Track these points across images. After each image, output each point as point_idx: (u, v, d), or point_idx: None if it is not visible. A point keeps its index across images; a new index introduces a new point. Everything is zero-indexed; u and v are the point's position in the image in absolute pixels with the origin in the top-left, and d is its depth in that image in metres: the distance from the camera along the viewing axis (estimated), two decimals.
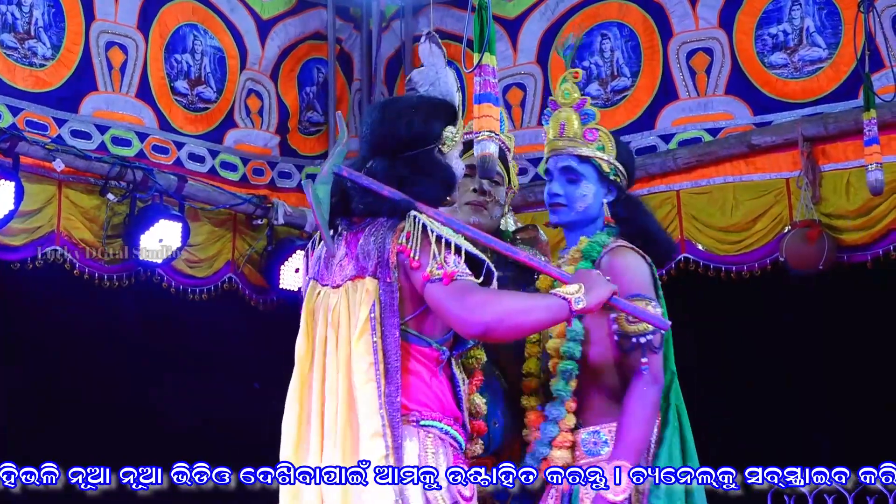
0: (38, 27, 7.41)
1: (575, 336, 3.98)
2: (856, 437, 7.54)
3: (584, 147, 4.21)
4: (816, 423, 7.91)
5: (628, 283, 3.94)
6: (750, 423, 8.21)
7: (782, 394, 8.06)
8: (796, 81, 7.81)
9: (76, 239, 7.35)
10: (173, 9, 8.10)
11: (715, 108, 8.04)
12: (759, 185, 7.82)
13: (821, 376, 8.01)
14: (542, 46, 8.59)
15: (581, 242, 4.13)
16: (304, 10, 8.89)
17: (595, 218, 4.20)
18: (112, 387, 7.34)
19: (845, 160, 7.52)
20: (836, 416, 7.83)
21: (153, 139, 7.91)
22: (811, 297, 7.69)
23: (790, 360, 8.02)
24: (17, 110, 7.26)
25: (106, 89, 7.73)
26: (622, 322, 3.93)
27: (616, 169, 4.21)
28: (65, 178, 7.32)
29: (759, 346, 8.12)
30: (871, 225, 7.46)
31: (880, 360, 7.94)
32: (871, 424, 7.66)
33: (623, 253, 4.06)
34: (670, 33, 8.21)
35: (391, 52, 9.18)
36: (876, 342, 7.93)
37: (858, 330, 7.96)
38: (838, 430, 7.67)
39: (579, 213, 4.20)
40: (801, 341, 7.96)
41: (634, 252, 4.07)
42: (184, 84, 8.12)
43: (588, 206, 4.19)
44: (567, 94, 4.32)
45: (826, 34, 7.74)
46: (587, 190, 4.19)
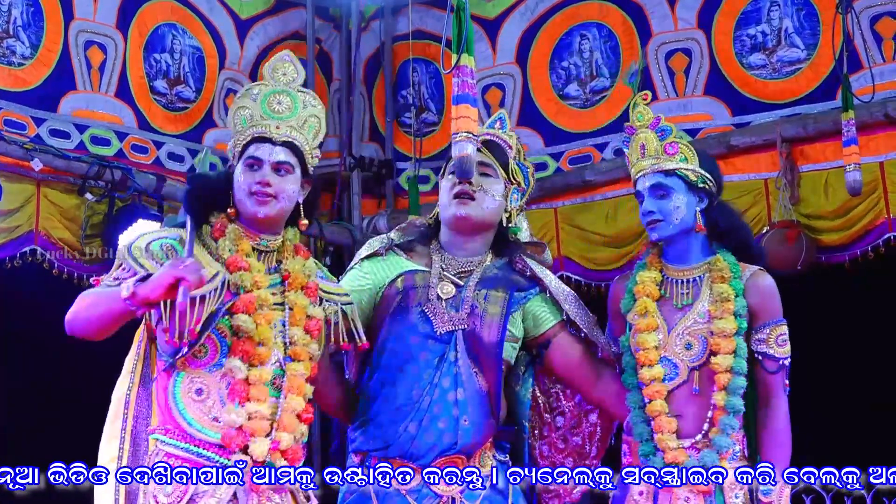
0: (16, 26, 7.33)
1: (744, 354, 4.23)
2: (838, 437, 7.51)
3: (668, 161, 4.34)
4: (796, 421, 7.82)
5: (776, 308, 4.33)
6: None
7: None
8: (775, 82, 7.79)
9: (55, 238, 7.27)
10: (152, 8, 8.05)
11: (694, 109, 8.02)
12: (738, 186, 7.72)
13: (800, 376, 7.87)
14: (522, 46, 8.58)
15: (719, 260, 4.33)
16: (284, 9, 8.88)
17: (692, 227, 4.34)
18: (90, 386, 7.30)
19: (824, 161, 7.49)
20: (816, 416, 7.59)
21: (132, 138, 7.86)
22: (790, 297, 7.49)
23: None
24: None
25: (85, 88, 7.66)
26: (774, 345, 4.27)
27: (703, 177, 4.33)
28: (43, 177, 7.24)
29: None
30: (850, 225, 7.43)
31: (859, 361, 7.96)
32: (852, 424, 7.65)
33: (766, 276, 4.35)
34: (649, 34, 8.18)
35: (371, 52, 9.14)
36: (854, 342, 7.93)
37: (837, 330, 7.94)
38: (820, 430, 7.48)
39: (677, 226, 4.32)
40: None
41: (769, 275, 4.37)
42: (163, 83, 8.08)
43: (683, 217, 4.32)
44: (641, 116, 4.45)
45: (804, 35, 7.71)
46: (679, 202, 4.31)
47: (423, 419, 4.21)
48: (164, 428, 3.87)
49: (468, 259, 4.43)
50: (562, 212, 8.23)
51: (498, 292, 4.37)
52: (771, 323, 4.29)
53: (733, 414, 4.19)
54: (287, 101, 4.03)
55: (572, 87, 8.37)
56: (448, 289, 4.36)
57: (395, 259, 4.48)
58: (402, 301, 4.35)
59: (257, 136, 3.97)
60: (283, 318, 3.93)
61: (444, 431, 4.21)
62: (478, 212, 4.40)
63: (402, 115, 9.03)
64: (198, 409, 3.82)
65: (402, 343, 4.31)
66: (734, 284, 4.25)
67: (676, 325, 4.30)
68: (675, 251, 4.39)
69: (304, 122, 4.04)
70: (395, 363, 4.30)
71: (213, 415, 3.81)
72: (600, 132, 8.20)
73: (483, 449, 4.29)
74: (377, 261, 4.48)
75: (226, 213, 3.97)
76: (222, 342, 3.84)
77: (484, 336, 4.31)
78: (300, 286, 3.98)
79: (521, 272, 4.48)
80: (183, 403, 3.83)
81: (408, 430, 4.21)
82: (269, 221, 3.95)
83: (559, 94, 8.39)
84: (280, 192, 3.92)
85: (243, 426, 3.77)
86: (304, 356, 3.92)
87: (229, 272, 3.85)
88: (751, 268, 4.33)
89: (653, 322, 4.31)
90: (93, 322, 3.75)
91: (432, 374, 4.25)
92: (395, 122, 9.03)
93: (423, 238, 4.54)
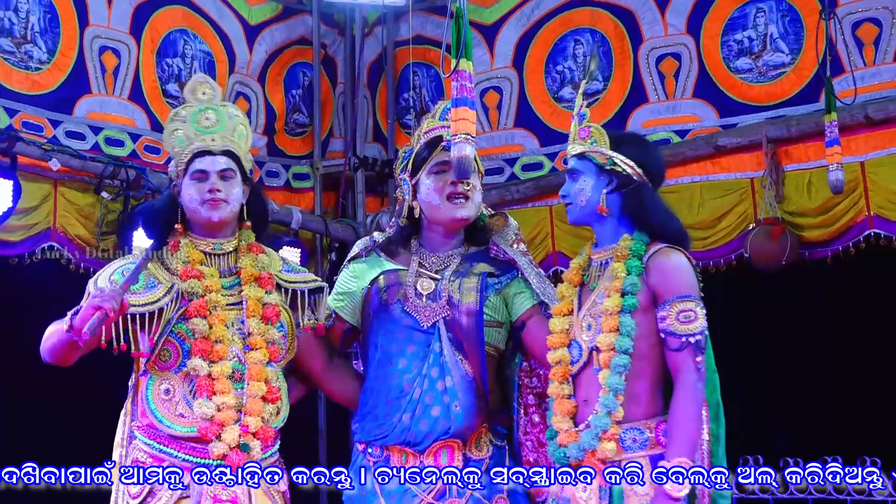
0: (34, 32, 7.35)
1: (628, 331, 3.96)
2: (817, 429, 7.58)
3: (580, 145, 4.17)
4: (776, 406, 7.98)
5: (679, 285, 3.95)
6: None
7: (745, 384, 7.85)
8: (760, 85, 7.82)
9: (72, 235, 7.29)
10: (164, 14, 8.08)
11: (683, 111, 8.05)
12: (725, 185, 7.82)
13: (783, 369, 8.03)
14: (518, 51, 8.60)
15: (624, 239, 4.06)
16: (290, 16, 8.91)
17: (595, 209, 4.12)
18: (106, 381, 7.31)
19: (807, 161, 7.52)
20: (797, 407, 7.86)
21: (145, 139, 7.87)
22: (774, 291, 7.75)
23: (753, 353, 7.97)
24: (14, 112, 7.19)
25: (99, 92, 7.68)
26: (674, 322, 3.91)
27: (612, 159, 4.11)
28: (60, 176, 7.26)
29: (723, 339, 8.02)
30: (832, 223, 7.46)
31: (841, 353, 7.99)
32: (832, 415, 7.67)
33: (671, 253, 4.02)
34: (640, 39, 8.22)
35: (373, 56, 9.19)
36: (836, 336, 7.97)
37: (819, 323, 7.99)
38: (800, 422, 7.66)
39: (583, 208, 4.13)
40: (763, 334, 7.99)
41: (679, 252, 4.04)
42: (175, 87, 8.05)
43: (589, 199, 4.12)
44: (574, 105, 4.32)
45: (789, 40, 7.76)
46: (585, 184, 4.12)
47: (416, 409, 4.25)
48: (139, 425, 4.08)
49: (448, 253, 4.46)
50: (556, 210, 8.18)
51: (471, 281, 4.37)
52: (672, 300, 3.93)
53: (613, 393, 3.94)
54: (213, 115, 4.24)
55: (566, 90, 8.37)
56: (427, 284, 4.38)
57: (375, 260, 4.51)
58: (385, 299, 4.39)
59: (198, 151, 4.18)
60: (240, 316, 4.13)
61: (438, 419, 4.23)
62: (473, 211, 4.44)
63: (403, 116, 9.04)
64: (166, 408, 4.02)
65: (390, 338, 4.35)
66: (629, 263, 4.01)
67: (583, 307, 4.14)
68: (598, 235, 4.20)
69: (234, 130, 4.25)
70: (385, 357, 4.34)
71: (178, 411, 4.02)
72: None
73: (479, 433, 4.29)
74: (360, 262, 4.54)
75: (176, 230, 4.20)
76: (182, 345, 4.03)
77: (463, 323, 4.31)
78: (252, 278, 4.16)
79: (495, 257, 4.47)
80: (154, 403, 4.04)
81: (402, 420, 4.25)
82: (223, 224, 4.18)
83: (554, 97, 8.42)
84: (229, 196, 4.15)
85: (214, 417, 3.97)
86: (261, 344, 4.10)
87: (182, 281, 4.07)
88: (657, 245, 4.05)
89: (565, 307, 4.16)
90: (52, 352, 4.00)
91: (420, 365, 4.28)
92: (397, 124, 9.06)
93: (401, 238, 4.54)
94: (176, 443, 4.01)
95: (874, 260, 7.42)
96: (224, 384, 4.01)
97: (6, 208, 6.82)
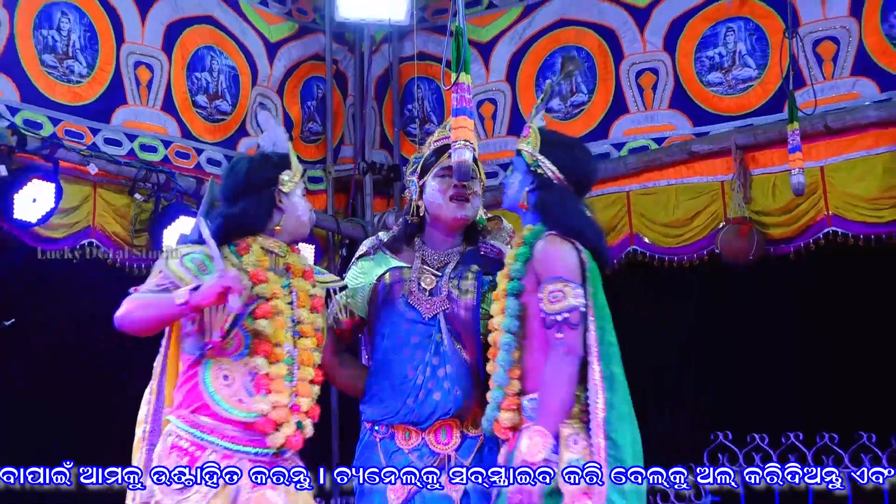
0: (75, 49, 7.42)
1: (512, 312, 4.07)
2: (786, 409, 7.70)
3: (519, 142, 4.25)
4: (746, 394, 7.98)
5: (552, 268, 3.99)
6: (691, 395, 8.33)
7: (715, 370, 8.13)
8: (730, 97, 7.90)
9: (109, 232, 7.34)
10: (193, 32, 8.13)
11: (660, 121, 8.10)
12: (698, 187, 7.90)
13: (750, 356, 8.08)
14: (511, 66, 8.62)
15: (525, 230, 4.17)
16: (306, 34, 8.89)
17: (516, 203, 4.22)
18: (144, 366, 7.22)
19: (772, 165, 7.60)
20: (765, 392, 7.90)
21: (176, 146, 7.94)
22: (742, 284, 7.80)
23: (722, 341, 8.06)
24: (57, 121, 7.26)
25: (134, 102, 7.77)
26: (545, 302, 3.96)
27: (538, 161, 4.16)
28: (99, 179, 7.29)
29: (695, 329, 8.19)
30: (794, 221, 7.56)
31: (808, 343, 8.04)
32: (800, 399, 7.77)
33: (552, 240, 4.05)
34: (621, 55, 8.26)
35: (380, 71, 9.18)
36: (802, 326, 8.04)
37: (784, 314, 8.10)
38: (769, 405, 7.72)
39: (509, 199, 4.26)
40: (732, 324, 8.03)
41: (563, 240, 4.05)
42: (203, 98, 8.16)
43: (514, 192, 4.22)
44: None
45: (756, 56, 7.83)
46: (514, 179, 4.23)
47: (419, 394, 4.34)
48: (181, 414, 4.08)
49: (448, 251, 4.54)
50: None
51: (469, 278, 4.45)
52: (546, 282, 3.97)
53: (502, 369, 4.05)
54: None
55: (555, 101, 8.37)
56: (429, 280, 4.46)
57: (382, 257, 4.59)
58: (391, 293, 4.47)
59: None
60: (292, 315, 4.19)
61: (440, 402, 4.33)
62: (472, 212, 4.52)
63: (407, 125, 9.06)
64: (226, 392, 4.05)
65: (396, 329, 4.43)
66: (519, 250, 4.09)
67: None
68: (525, 222, 4.23)
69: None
70: (391, 347, 4.43)
71: (238, 397, 4.06)
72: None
73: (474, 413, 4.34)
74: (367, 259, 4.62)
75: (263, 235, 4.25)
76: (246, 337, 4.08)
77: (462, 316, 4.41)
78: (300, 273, 4.26)
79: (484, 255, 4.55)
80: (213, 387, 4.06)
81: (407, 403, 4.34)
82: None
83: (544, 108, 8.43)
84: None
85: (269, 414, 4.02)
86: (310, 332, 4.20)
87: (252, 283, 4.10)
88: (543, 235, 4.09)
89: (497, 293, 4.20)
90: (146, 322, 4.01)
91: (423, 354, 4.37)
92: (402, 132, 9.06)
93: (406, 237, 4.62)
94: (217, 431, 4.03)
95: (832, 255, 7.52)
96: (279, 384, 4.07)
97: (49, 208, 6.86)
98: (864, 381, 7.79)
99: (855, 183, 7.37)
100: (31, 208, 6.85)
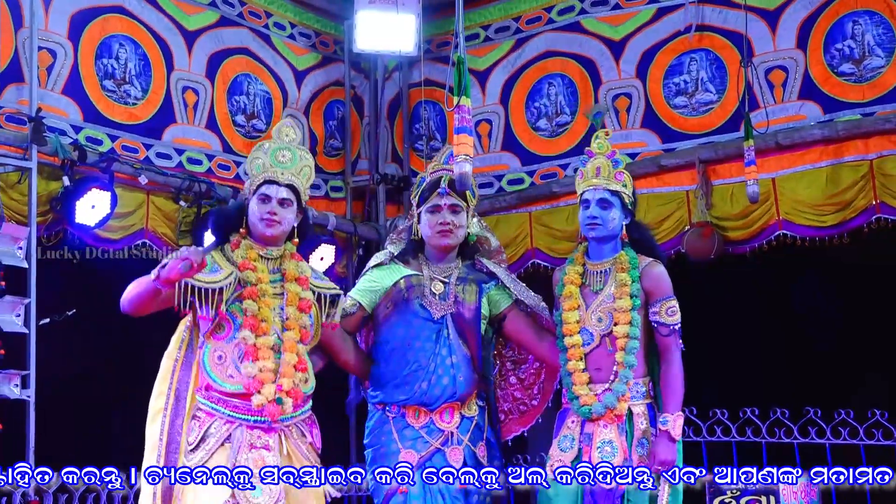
0: (131, 75, 7.46)
1: (637, 324, 4.35)
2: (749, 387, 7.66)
3: (615, 184, 4.45)
4: (706, 378, 7.82)
5: (666, 289, 4.41)
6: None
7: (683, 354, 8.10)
8: (694, 118, 7.85)
9: (159, 234, 7.38)
10: (233, 62, 8.18)
11: (633, 138, 8.04)
12: (666, 196, 7.86)
13: (711, 348, 7.82)
14: (504, 91, 8.58)
15: (622, 255, 4.44)
16: (328, 63, 8.90)
17: (617, 235, 4.48)
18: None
19: (731, 177, 7.57)
20: (717, 369, 7.77)
21: (218, 159, 7.98)
22: (705, 278, 7.71)
23: (686, 328, 7.98)
24: (115, 137, 7.30)
25: (182, 122, 7.80)
26: (663, 314, 4.36)
27: (632, 201, 4.50)
28: (151, 188, 7.35)
29: None
30: (750, 225, 7.54)
31: (760, 331, 8.08)
32: (756, 390, 7.63)
33: (656, 266, 4.45)
34: (599, 82, 8.22)
35: (392, 95, 9.13)
36: (755, 315, 8.12)
37: (742, 305, 8.13)
38: (727, 391, 7.56)
39: (609, 231, 4.45)
40: (696, 317, 7.90)
41: (661, 264, 4.47)
42: (241, 118, 8.19)
43: (616, 226, 4.45)
44: (601, 146, 4.54)
45: (716, 82, 7.79)
46: (615, 215, 4.44)
47: (431, 378, 4.49)
48: (199, 388, 4.17)
49: (447, 265, 4.66)
50: (534, 215, 8.25)
51: (471, 286, 4.61)
52: (661, 299, 4.37)
53: (629, 367, 4.32)
54: (289, 154, 4.28)
55: (542, 121, 8.38)
56: (438, 286, 4.59)
57: (395, 267, 4.68)
58: (406, 296, 4.59)
59: (268, 179, 4.23)
60: (281, 303, 4.19)
61: (447, 386, 4.49)
62: (455, 241, 4.63)
63: (415, 142, 9.03)
64: (219, 370, 4.12)
65: (409, 326, 4.56)
66: (631, 273, 4.37)
67: (591, 304, 4.42)
68: (595, 250, 4.50)
69: (301, 170, 4.29)
70: (405, 340, 4.55)
71: (228, 373, 4.11)
72: (563, 156, 8.23)
73: (471, 397, 4.55)
74: (383, 268, 4.69)
75: (239, 233, 4.26)
76: (234, 321, 4.13)
77: (466, 317, 4.57)
78: (293, 278, 4.24)
79: (479, 270, 4.70)
80: (209, 366, 4.13)
81: (420, 387, 4.49)
82: (274, 239, 4.26)
83: (532, 127, 8.42)
84: (283, 220, 4.22)
85: (255, 376, 4.07)
86: (295, 326, 4.19)
87: (240, 272, 4.14)
88: (646, 259, 4.44)
89: (574, 303, 4.45)
90: (134, 300, 4.09)
91: (433, 346, 4.52)
92: (410, 148, 9.03)
93: (413, 252, 4.70)
94: (224, 402, 4.09)
95: (783, 254, 7.54)
96: (266, 353, 4.10)
97: (105, 214, 6.88)
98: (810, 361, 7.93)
99: (802, 192, 7.36)
100: (90, 214, 6.85)
